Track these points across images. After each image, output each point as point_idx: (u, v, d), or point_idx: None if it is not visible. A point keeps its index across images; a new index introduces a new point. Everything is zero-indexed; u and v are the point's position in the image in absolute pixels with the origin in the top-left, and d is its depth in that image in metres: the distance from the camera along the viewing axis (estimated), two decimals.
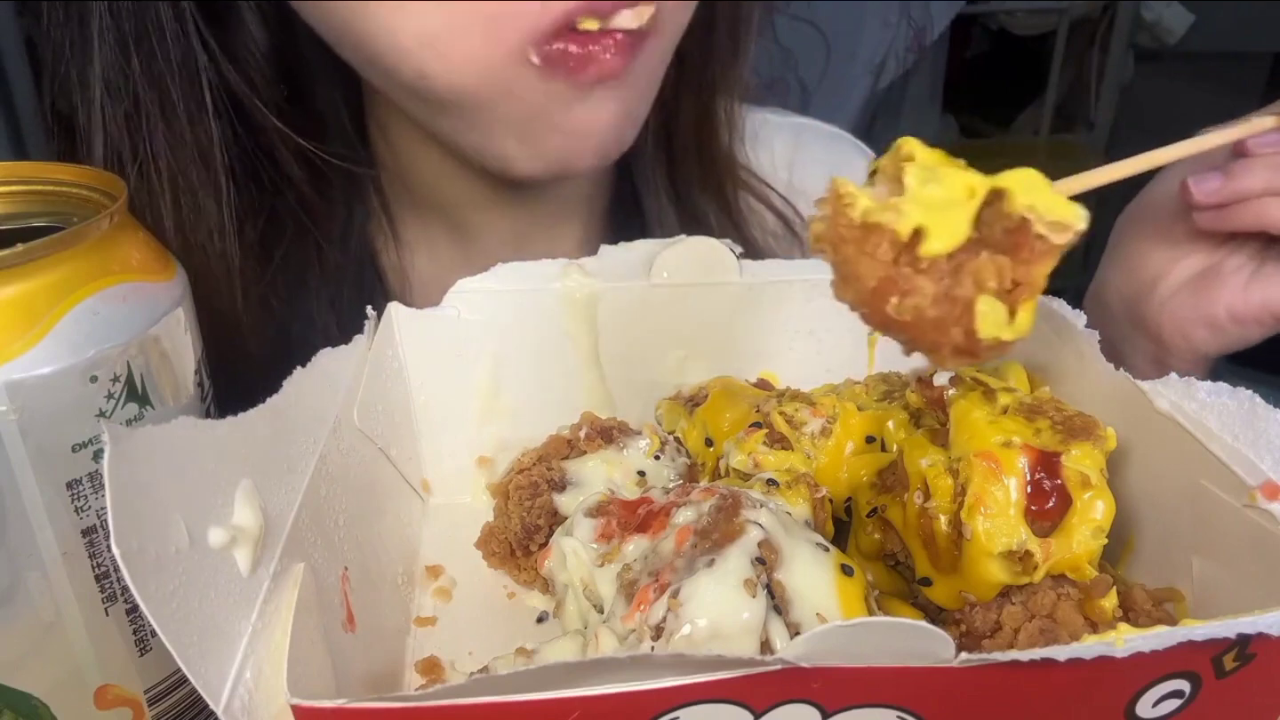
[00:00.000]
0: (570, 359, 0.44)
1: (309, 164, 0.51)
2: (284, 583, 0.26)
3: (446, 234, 0.58)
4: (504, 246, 0.57)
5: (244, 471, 0.27)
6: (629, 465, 0.39)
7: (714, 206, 0.59)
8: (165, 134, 0.47)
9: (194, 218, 0.48)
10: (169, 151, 0.47)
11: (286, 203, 0.51)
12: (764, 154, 0.63)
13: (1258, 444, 0.29)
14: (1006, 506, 0.30)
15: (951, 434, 0.33)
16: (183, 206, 0.47)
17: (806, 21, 1.65)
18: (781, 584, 0.29)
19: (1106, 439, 0.31)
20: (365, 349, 0.38)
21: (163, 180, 0.47)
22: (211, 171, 0.48)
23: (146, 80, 0.46)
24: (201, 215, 0.48)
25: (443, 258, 0.58)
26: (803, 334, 0.45)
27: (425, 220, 0.57)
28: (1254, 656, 0.24)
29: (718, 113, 0.57)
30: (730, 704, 0.23)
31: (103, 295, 0.28)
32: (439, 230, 0.58)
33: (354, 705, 0.22)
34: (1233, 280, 0.45)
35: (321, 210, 0.52)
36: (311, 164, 0.51)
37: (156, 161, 0.47)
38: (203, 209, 0.48)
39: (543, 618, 0.38)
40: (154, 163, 0.47)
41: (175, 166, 0.47)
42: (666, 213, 0.58)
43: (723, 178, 0.59)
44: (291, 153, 0.50)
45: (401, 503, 0.41)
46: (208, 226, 0.48)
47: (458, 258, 0.58)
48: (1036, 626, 0.30)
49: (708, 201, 0.58)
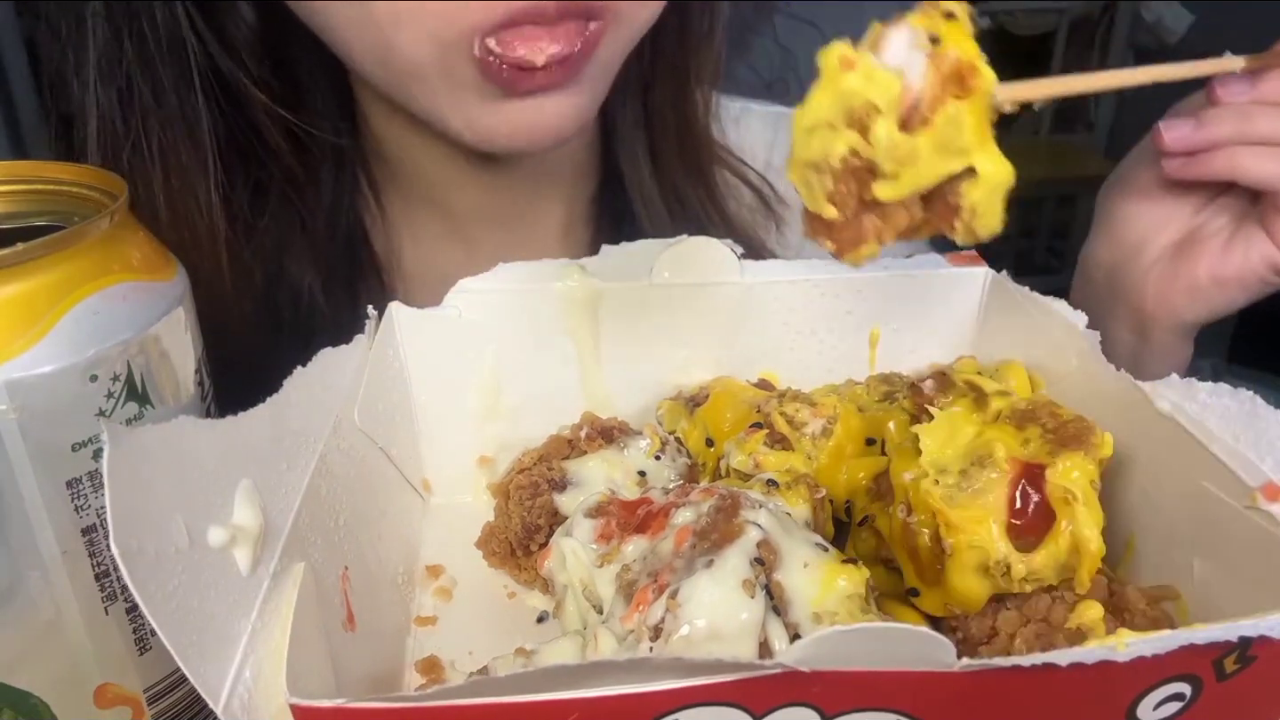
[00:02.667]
0: (571, 359, 0.44)
1: (294, 139, 0.52)
2: (284, 582, 0.26)
3: (429, 210, 0.59)
4: (486, 225, 0.59)
5: (244, 471, 0.27)
6: (629, 465, 0.39)
7: (695, 184, 0.60)
8: (155, 113, 0.49)
9: (183, 191, 0.50)
10: (159, 129, 0.49)
11: (272, 175, 0.53)
12: (745, 137, 0.64)
13: (1259, 445, 0.29)
14: (987, 523, 0.30)
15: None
16: (172, 182, 0.49)
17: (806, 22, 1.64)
18: (780, 584, 0.29)
19: (1101, 446, 0.31)
20: (366, 349, 0.38)
21: (154, 156, 0.49)
22: (200, 148, 0.50)
23: (138, 62, 0.48)
24: (190, 189, 0.50)
25: (428, 234, 0.60)
26: (804, 334, 0.45)
27: (408, 197, 0.59)
28: (1255, 659, 0.24)
29: (694, 96, 0.58)
30: (730, 707, 0.23)
31: (103, 295, 0.28)
32: (422, 206, 0.59)
33: (353, 705, 0.22)
34: (1212, 243, 0.45)
35: (306, 183, 0.54)
36: (297, 139, 0.53)
37: (148, 139, 0.49)
38: (192, 183, 0.50)
39: (543, 618, 0.38)
40: (145, 140, 0.49)
41: (165, 143, 0.49)
42: (650, 193, 0.59)
43: (702, 156, 0.60)
44: (277, 128, 0.52)
45: (402, 502, 0.41)
46: (196, 200, 0.50)
47: (441, 234, 0.59)
48: (1032, 631, 0.30)
49: (689, 180, 0.60)
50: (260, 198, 0.53)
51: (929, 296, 0.45)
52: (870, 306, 0.45)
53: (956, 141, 0.30)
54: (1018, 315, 0.42)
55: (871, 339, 0.46)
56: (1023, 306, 0.42)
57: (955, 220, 0.32)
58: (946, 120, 0.30)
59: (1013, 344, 0.42)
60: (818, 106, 0.30)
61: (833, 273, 0.45)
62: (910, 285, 0.45)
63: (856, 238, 0.32)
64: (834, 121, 0.30)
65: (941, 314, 0.45)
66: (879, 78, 0.30)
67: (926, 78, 0.30)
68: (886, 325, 0.45)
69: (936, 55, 0.30)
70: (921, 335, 0.45)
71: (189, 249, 0.49)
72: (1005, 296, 0.44)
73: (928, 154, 0.30)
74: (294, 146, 0.53)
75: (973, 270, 0.45)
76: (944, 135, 0.30)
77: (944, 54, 0.30)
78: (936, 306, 0.45)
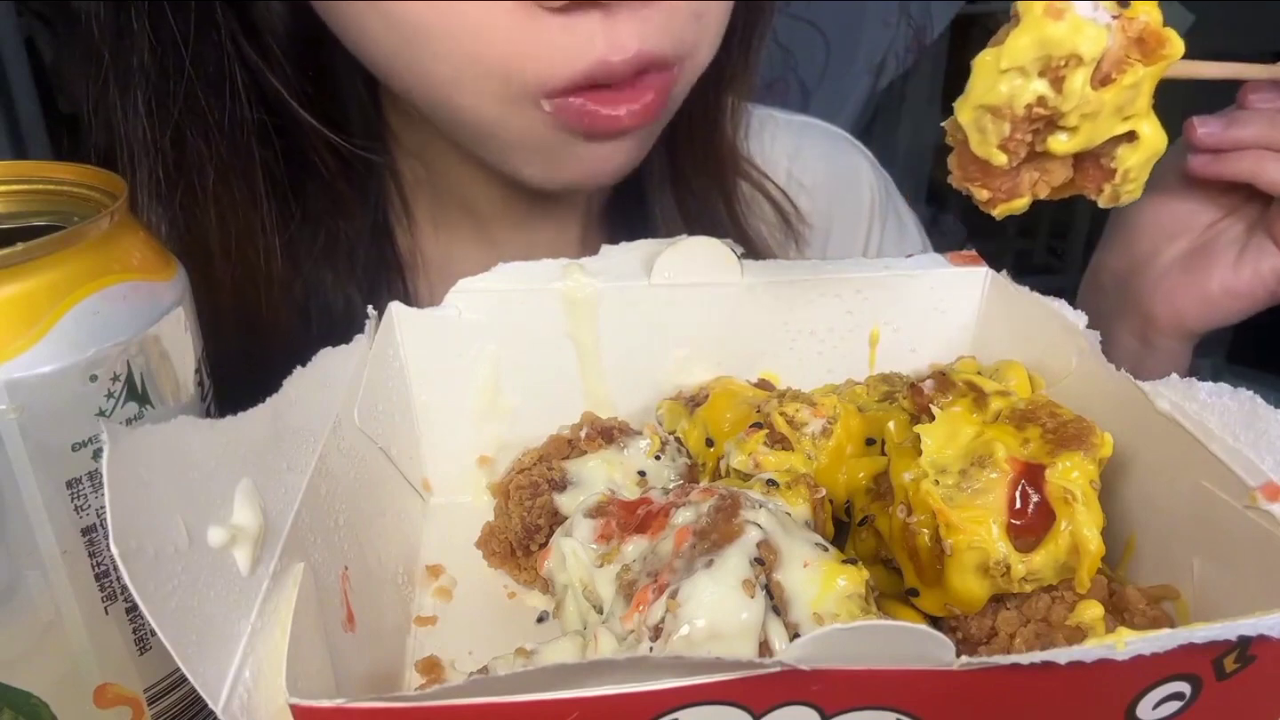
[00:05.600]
0: (571, 359, 0.44)
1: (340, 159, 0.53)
2: (283, 582, 0.26)
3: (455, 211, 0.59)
4: (509, 227, 0.59)
5: (244, 471, 0.27)
6: (629, 465, 0.39)
7: (714, 195, 0.59)
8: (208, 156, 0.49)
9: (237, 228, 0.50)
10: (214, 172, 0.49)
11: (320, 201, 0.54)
12: (766, 147, 0.64)
13: (1258, 445, 0.29)
14: (987, 523, 0.30)
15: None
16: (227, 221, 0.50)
17: (806, 21, 1.64)
18: (780, 584, 0.29)
19: (1101, 446, 0.31)
20: (366, 348, 0.38)
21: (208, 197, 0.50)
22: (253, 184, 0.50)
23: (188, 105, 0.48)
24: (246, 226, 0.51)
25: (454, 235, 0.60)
26: (804, 334, 0.45)
27: (435, 198, 0.59)
28: (1255, 659, 0.24)
29: (724, 108, 0.58)
30: (730, 706, 0.23)
31: (103, 294, 0.28)
32: (447, 208, 0.59)
33: (353, 705, 0.22)
34: (1225, 255, 0.45)
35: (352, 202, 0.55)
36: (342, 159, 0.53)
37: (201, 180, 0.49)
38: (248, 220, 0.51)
39: (543, 618, 0.38)
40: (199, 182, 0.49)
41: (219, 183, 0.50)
42: (668, 202, 0.58)
43: (724, 167, 0.59)
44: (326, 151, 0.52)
45: (402, 502, 0.41)
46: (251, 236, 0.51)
47: (468, 237, 0.60)
48: (1032, 631, 0.30)
49: (708, 190, 0.59)
50: (308, 224, 0.53)
51: (929, 296, 0.45)
52: (870, 306, 0.45)
53: (1133, 105, 0.31)
54: (1018, 315, 0.42)
55: (871, 339, 0.46)
56: (1023, 306, 0.42)
57: (1105, 183, 0.32)
58: (1131, 83, 0.30)
59: (1013, 344, 0.42)
60: (1017, 49, 0.30)
61: (833, 273, 0.45)
62: (910, 285, 0.45)
63: (1013, 189, 0.33)
64: (1028, 68, 0.30)
65: (941, 314, 0.45)
66: (1087, 30, 0.30)
67: (1115, 38, 0.30)
68: (886, 325, 0.45)
69: (1125, 18, 0.30)
70: (921, 335, 0.45)
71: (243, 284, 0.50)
72: (1005, 296, 0.44)
73: (1107, 113, 0.31)
74: (341, 168, 0.53)
75: (973, 270, 0.45)
76: (1124, 97, 0.30)
77: (1134, 18, 0.30)
78: (936, 306, 0.45)
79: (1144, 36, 0.30)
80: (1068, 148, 0.31)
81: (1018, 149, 0.31)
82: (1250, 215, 0.45)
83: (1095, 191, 0.33)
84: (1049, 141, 0.31)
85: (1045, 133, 0.31)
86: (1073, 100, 0.30)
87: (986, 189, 0.33)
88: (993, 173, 0.32)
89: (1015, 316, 0.43)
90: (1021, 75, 0.30)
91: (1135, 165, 0.32)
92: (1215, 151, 0.43)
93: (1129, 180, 0.32)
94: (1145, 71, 0.30)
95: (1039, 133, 0.31)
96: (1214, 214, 0.46)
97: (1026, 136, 0.31)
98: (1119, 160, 0.32)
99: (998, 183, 0.33)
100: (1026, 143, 0.31)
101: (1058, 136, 0.31)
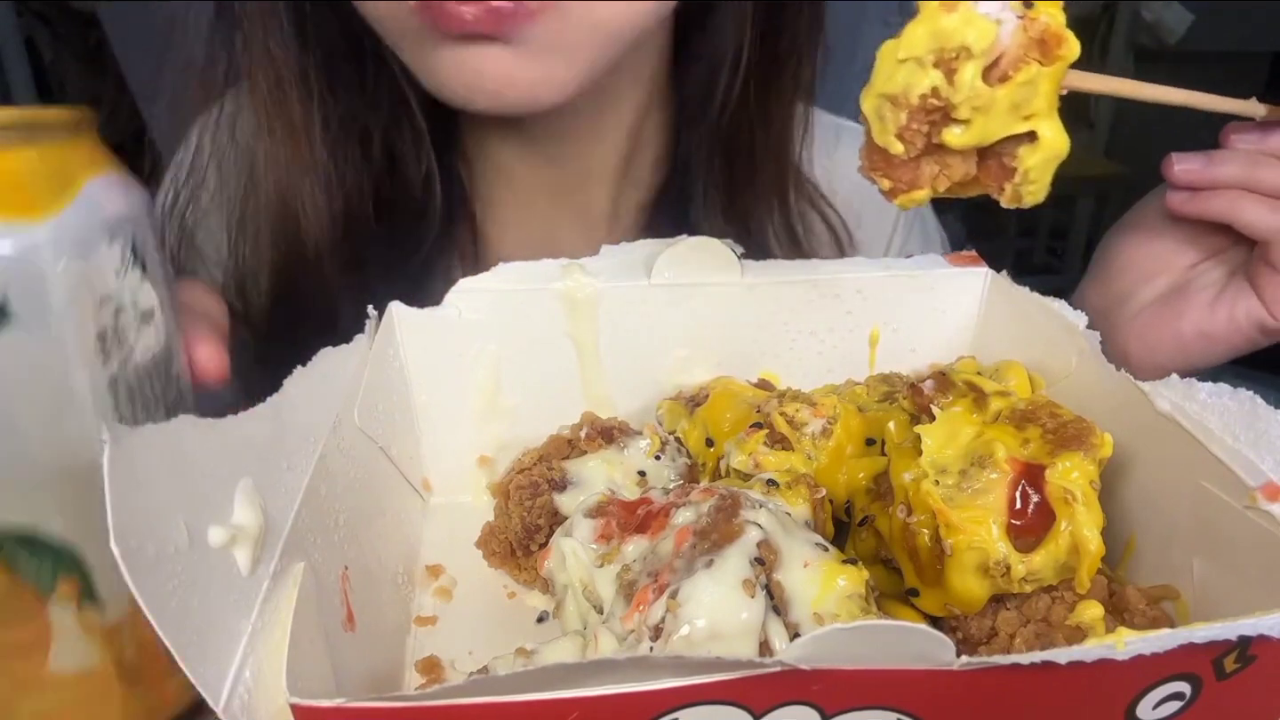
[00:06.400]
0: (571, 359, 0.44)
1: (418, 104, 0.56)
2: (284, 582, 0.26)
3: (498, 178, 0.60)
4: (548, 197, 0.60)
5: (244, 471, 0.27)
6: (629, 465, 0.39)
7: (772, 218, 0.58)
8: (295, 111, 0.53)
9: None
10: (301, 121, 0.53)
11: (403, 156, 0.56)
12: (840, 158, 0.62)
13: (1258, 445, 0.29)
14: (987, 524, 0.30)
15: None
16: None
17: None
18: (780, 584, 0.29)
19: (1101, 446, 0.31)
20: (366, 348, 0.38)
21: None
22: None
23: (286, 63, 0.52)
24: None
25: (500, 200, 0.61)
26: (804, 334, 0.45)
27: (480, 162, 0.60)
28: (1255, 658, 0.24)
29: (790, 119, 0.57)
30: (730, 705, 0.23)
31: (107, 177, 0.29)
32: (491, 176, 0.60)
33: (353, 705, 0.22)
34: (1200, 297, 0.45)
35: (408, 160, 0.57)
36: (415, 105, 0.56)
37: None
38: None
39: (543, 618, 0.38)
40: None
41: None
42: (715, 221, 0.57)
43: (782, 184, 0.58)
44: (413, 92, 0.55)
45: (402, 502, 0.41)
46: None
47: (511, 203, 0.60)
48: (1032, 631, 0.30)
49: (765, 212, 0.58)
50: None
51: (929, 296, 0.45)
52: (870, 306, 0.45)
53: (1029, 104, 0.31)
54: (1018, 315, 0.42)
55: (871, 339, 0.46)
56: (1023, 306, 0.42)
57: (1006, 183, 0.33)
58: (1026, 80, 0.31)
59: (1013, 344, 0.42)
60: (913, 40, 0.31)
61: (833, 273, 0.45)
62: (910, 285, 0.45)
63: (913, 181, 0.33)
64: (923, 58, 0.31)
65: (941, 314, 0.45)
66: (978, 23, 0.30)
67: (1015, 37, 0.31)
68: (886, 325, 0.45)
69: (1028, 19, 0.31)
70: (921, 335, 0.45)
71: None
72: (1005, 296, 0.44)
73: (1001, 109, 0.31)
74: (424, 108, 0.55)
75: (973, 270, 0.45)
76: (1019, 94, 0.31)
77: (1035, 19, 0.31)
78: (936, 306, 0.45)
79: (1045, 37, 0.31)
80: (961, 141, 0.32)
81: (914, 139, 0.32)
82: (1234, 260, 0.45)
83: (997, 190, 0.33)
84: (944, 134, 0.32)
85: (941, 125, 0.32)
86: (963, 92, 0.31)
87: (889, 179, 0.33)
88: (894, 163, 0.33)
89: (1015, 316, 0.43)
90: (918, 65, 0.31)
91: (1035, 166, 0.32)
92: (1193, 189, 0.43)
93: (1029, 181, 0.32)
94: (1041, 71, 0.31)
95: (935, 124, 0.32)
96: (1195, 255, 0.46)
97: (923, 127, 0.32)
98: (1020, 160, 0.32)
99: (899, 173, 0.33)
100: (923, 133, 0.32)
101: (952, 129, 0.32)
